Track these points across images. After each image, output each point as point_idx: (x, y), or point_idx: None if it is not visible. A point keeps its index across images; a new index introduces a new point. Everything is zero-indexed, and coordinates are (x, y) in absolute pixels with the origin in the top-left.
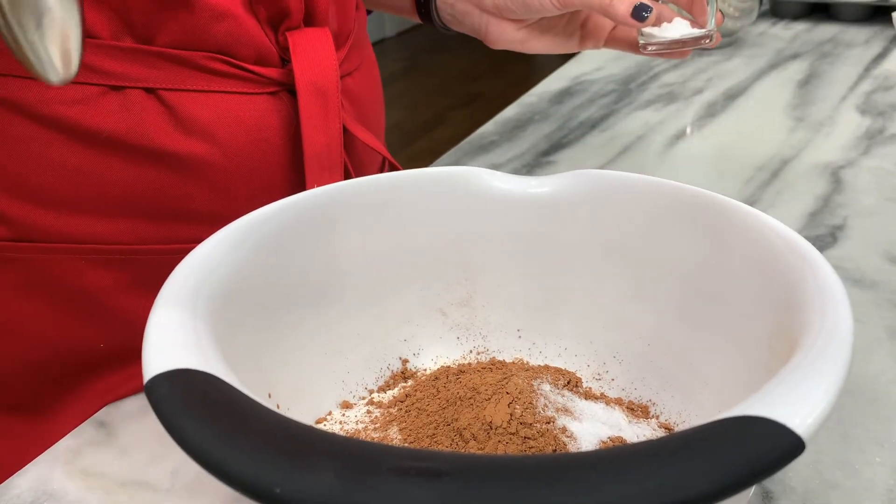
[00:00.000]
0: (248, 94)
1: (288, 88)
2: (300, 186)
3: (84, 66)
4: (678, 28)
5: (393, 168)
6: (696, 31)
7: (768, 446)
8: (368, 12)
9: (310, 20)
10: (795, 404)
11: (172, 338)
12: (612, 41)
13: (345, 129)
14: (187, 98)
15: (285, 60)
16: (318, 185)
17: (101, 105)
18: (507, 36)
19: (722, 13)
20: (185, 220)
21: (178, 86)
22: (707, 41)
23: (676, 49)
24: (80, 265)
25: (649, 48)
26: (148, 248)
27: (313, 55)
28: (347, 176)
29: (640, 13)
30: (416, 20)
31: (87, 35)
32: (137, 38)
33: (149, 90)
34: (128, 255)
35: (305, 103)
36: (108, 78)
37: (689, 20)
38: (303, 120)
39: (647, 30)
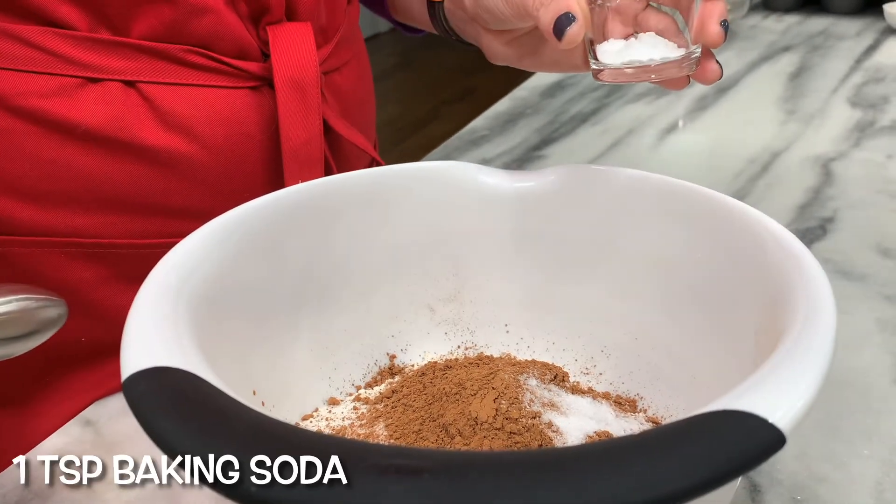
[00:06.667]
0: (227, 88)
1: (269, 83)
2: (281, 182)
3: (61, 57)
4: (644, 48)
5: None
6: (670, 54)
7: (749, 441)
8: (404, 14)
9: (292, 15)
10: (776, 398)
11: (151, 335)
12: None
13: (328, 126)
14: (166, 91)
15: (266, 55)
16: (298, 181)
17: (79, 97)
18: (496, 50)
19: (724, 29)
20: (165, 214)
21: (156, 78)
22: (682, 66)
23: (645, 78)
24: (60, 258)
25: (601, 75)
26: (128, 243)
27: (293, 50)
28: (329, 172)
29: (561, 26)
30: (435, 31)
31: (65, 26)
32: (114, 30)
33: (128, 83)
34: (108, 248)
35: (283, 98)
36: (85, 69)
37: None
38: (281, 115)
39: (602, 48)
